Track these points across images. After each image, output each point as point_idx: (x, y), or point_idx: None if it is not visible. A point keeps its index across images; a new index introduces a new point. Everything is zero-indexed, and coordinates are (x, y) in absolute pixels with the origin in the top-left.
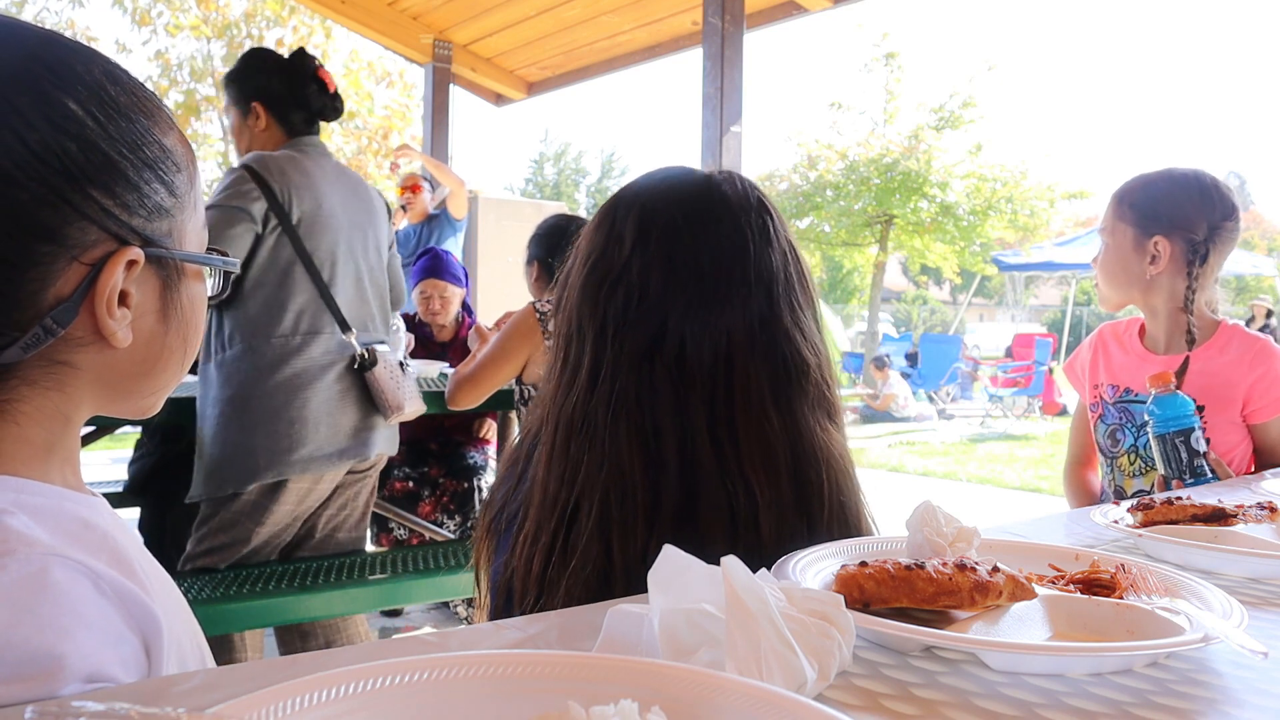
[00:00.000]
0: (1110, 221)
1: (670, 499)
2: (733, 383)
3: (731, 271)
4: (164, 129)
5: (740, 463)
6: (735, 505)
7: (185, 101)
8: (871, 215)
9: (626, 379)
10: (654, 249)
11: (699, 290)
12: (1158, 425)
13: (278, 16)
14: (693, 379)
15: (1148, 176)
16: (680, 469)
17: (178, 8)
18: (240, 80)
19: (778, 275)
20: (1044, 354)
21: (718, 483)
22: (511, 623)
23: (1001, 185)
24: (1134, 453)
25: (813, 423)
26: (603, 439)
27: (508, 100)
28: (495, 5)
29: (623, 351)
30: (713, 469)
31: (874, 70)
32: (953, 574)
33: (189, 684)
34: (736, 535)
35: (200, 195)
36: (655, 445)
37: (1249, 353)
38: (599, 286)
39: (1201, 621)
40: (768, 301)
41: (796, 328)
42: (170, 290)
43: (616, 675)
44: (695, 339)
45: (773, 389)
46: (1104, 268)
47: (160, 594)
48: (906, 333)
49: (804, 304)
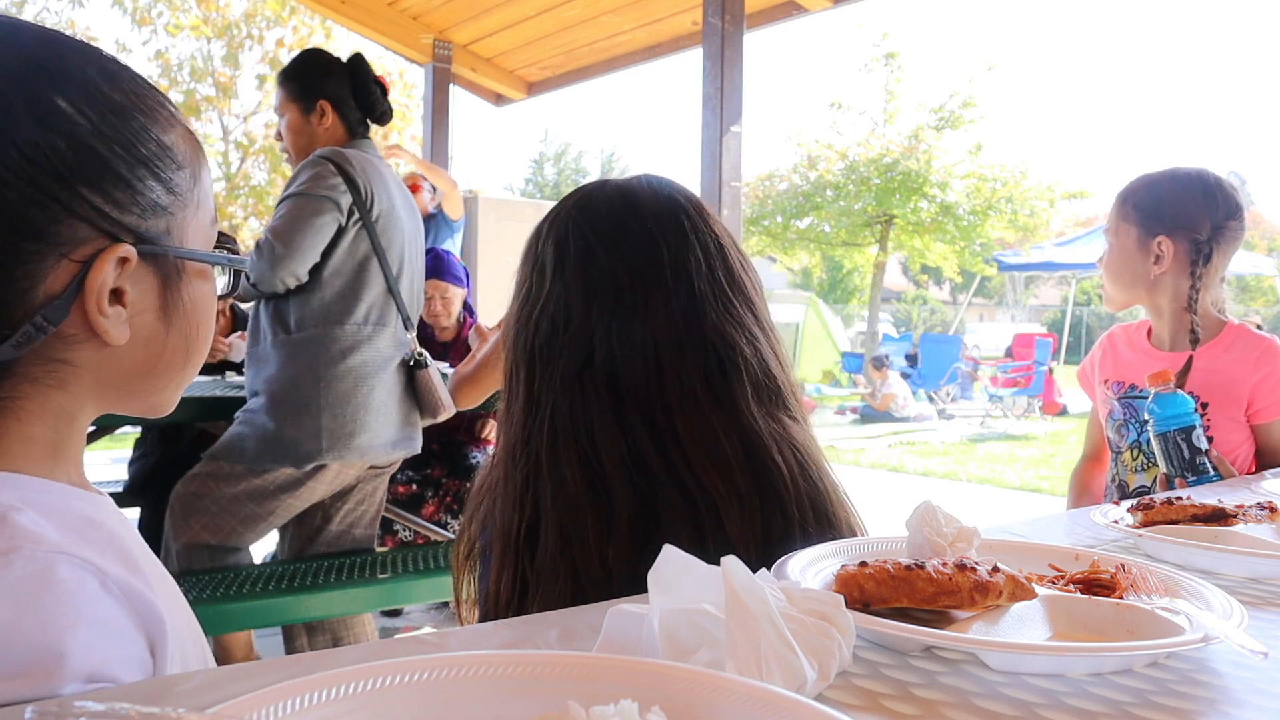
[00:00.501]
0: (1114, 221)
1: (623, 514)
2: (665, 387)
3: (648, 278)
4: (164, 127)
5: (690, 465)
6: (695, 507)
7: (185, 101)
8: (871, 215)
9: (560, 402)
10: (570, 272)
11: (619, 303)
12: (1158, 424)
13: (278, 16)
14: (626, 392)
15: (1152, 176)
16: (628, 483)
17: (178, 8)
18: (304, 79)
19: (698, 271)
20: (1044, 354)
21: (673, 489)
22: (511, 622)
23: (1001, 185)
24: (1136, 448)
25: (758, 412)
26: (548, 465)
27: (508, 100)
28: (495, 5)
29: (554, 377)
30: (665, 477)
31: (874, 70)
32: (953, 574)
33: (189, 684)
34: (703, 537)
35: (208, 193)
36: (597, 464)
37: (1254, 352)
38: (528, 319)
39: (1201, 621)
40: (690, 299)
41: (727, 320)
42: (170, 288)
43: (616, 675)
44: (624, 352)
45: (708, 386)
46: (1109, 267)
47: (164, 593)
48: (906, 333)
49: (734, 296)
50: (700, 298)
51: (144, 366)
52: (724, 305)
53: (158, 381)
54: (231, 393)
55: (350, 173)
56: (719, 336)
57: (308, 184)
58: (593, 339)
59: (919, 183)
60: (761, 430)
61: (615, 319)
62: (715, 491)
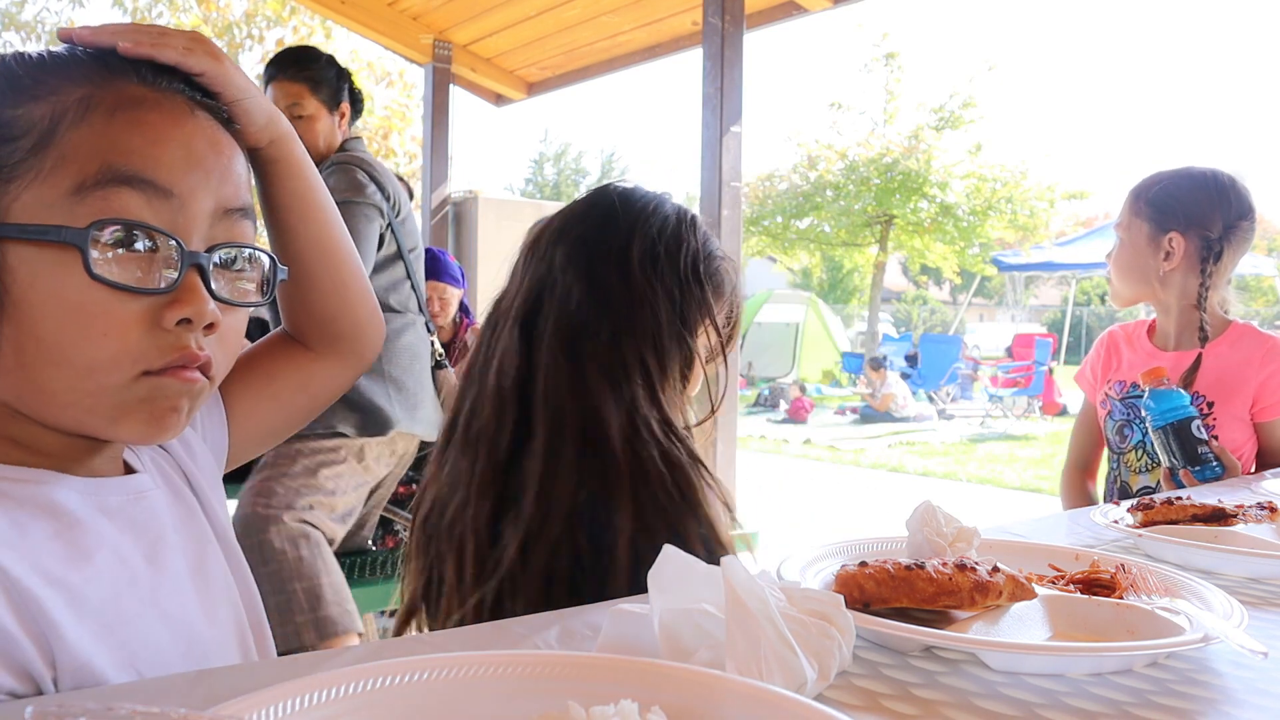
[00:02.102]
0: (1126, 217)
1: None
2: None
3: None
4: (9, 103)
5: (534, 396)
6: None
7: None
8: (871, 215)
9: (513, 352)
10: (578, 271)
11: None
12: (1155, 419)
13: (278, 16)
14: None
15: (1165, 173)
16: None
17: (178, 8)
18: (332, 79)
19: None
20: (1044, 354)
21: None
22: (512, 623)
23: (1001, 185)
24: (1141, 449)
25: (591, 381)
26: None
27: (508, 100)
28: (495, 5)
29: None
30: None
31: (874, 70)
32: (953, 574)
33: (189, 684)
34: (550, 486)
35: (88, 157)
36: (527, 408)
37: (1260, 350)
38: (530, 298)
39: (1201, 621)
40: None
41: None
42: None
43: (616, 675)
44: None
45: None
46: (1118, 263)
47: (100, 590)
48: (906, 333)
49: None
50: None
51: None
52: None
53: (16, 385)
54: None
55: (378, 177)
56: (652, 316)
57: (350, 192)
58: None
59: (919, 183)
60: (583, 397)
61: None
62: (540, 429)
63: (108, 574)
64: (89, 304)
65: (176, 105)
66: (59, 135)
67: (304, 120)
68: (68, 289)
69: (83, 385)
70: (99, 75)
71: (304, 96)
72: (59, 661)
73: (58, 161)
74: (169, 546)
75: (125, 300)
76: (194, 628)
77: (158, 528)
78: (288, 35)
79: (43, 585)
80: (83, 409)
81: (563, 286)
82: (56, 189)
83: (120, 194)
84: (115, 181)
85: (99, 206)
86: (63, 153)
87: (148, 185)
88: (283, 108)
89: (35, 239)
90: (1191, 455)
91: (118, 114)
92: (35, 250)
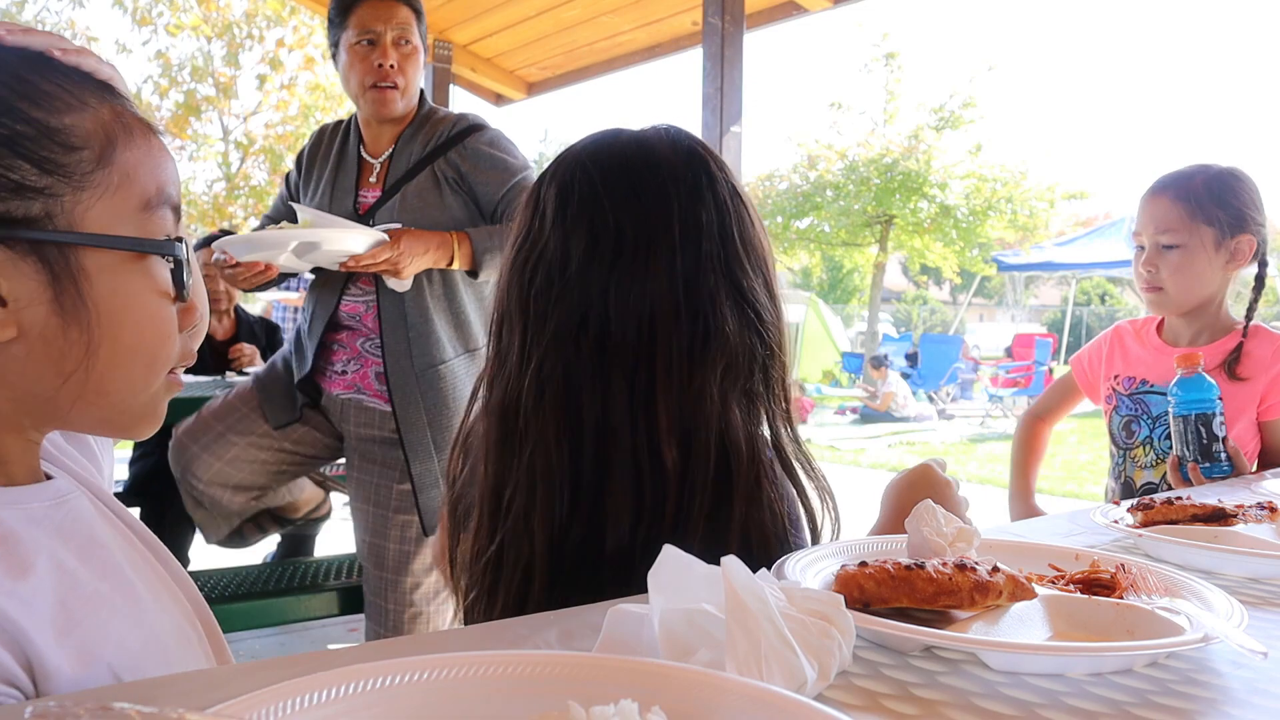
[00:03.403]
0: (1183, 224)
1: (588, 481)
2: (655, 353)
3: (654, 234)
4: (54, 109)
5: (653, 436)
6: (642, 482)
7: (185, 101)
8: (871, 215)
9: (553, 361)
10: (572, 219)
11: (620, 259)
12: (1179, 406)
13: (278, 16)
14: (615, 354)
15: (1205, 174)
16: (596, 448)
17: (178, 8)
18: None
19: (708, 232)
20: (1044, 354)
21: (629, 458)
22: (512, 622)
23: (1001, 185)
24: (1148, 444)
25: (716, 399)
26: (533, 425)
27: (508, 100)
28: (495, 5)
29: (547, 332)
30: (627, 444)
31: (874, 70)
32: (953, 574)
33: (189, 684)
34: (641, 514)
35: (139, 176)
36: (577, 427)
37: (1270, 348)
38: (524, 266)
39: (1201, 621)
40: (695, 262)
41: (725, 288)
42: (63, 278)
43: (616, 675)
44: (620, 311)
45: (689, 356)
46: (1182, 274)
47: (86, 595)
48: (906, 333)
49: (743, 262)
50: (704, 260)
51: (53, 368)
52: (732, 274)
53: (77, 387)
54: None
55: None
56: (712, 306)
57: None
58: (590, 293)
59: (919, 183)
60: (708, 415)
61: (614, 275)
62: (671, 469)
63: (49, 581)
64: (158, 312)
65: (157, 129)
66: (118, 153)
67: (410, 53)
68: (144, 298)
69: (141, 385)
70: (103, 91)
71: (411, 26)
72: (34, 673)
73: (123, 179)
74: (100, 545)
75: (171, 309)
76: (147, 617)
77: (85, 529)
78: (288, 35)
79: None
80: (122, 409)
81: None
82: (126, 204)
83: (168, 215)
84: (165, 203)
85: (160, 225)
86: (125, 171)
87: (178, 209)
88: (390, 37)
89: (131, 250)
90: (1205, 450)
91: (150, 139)
92: (118, 259)
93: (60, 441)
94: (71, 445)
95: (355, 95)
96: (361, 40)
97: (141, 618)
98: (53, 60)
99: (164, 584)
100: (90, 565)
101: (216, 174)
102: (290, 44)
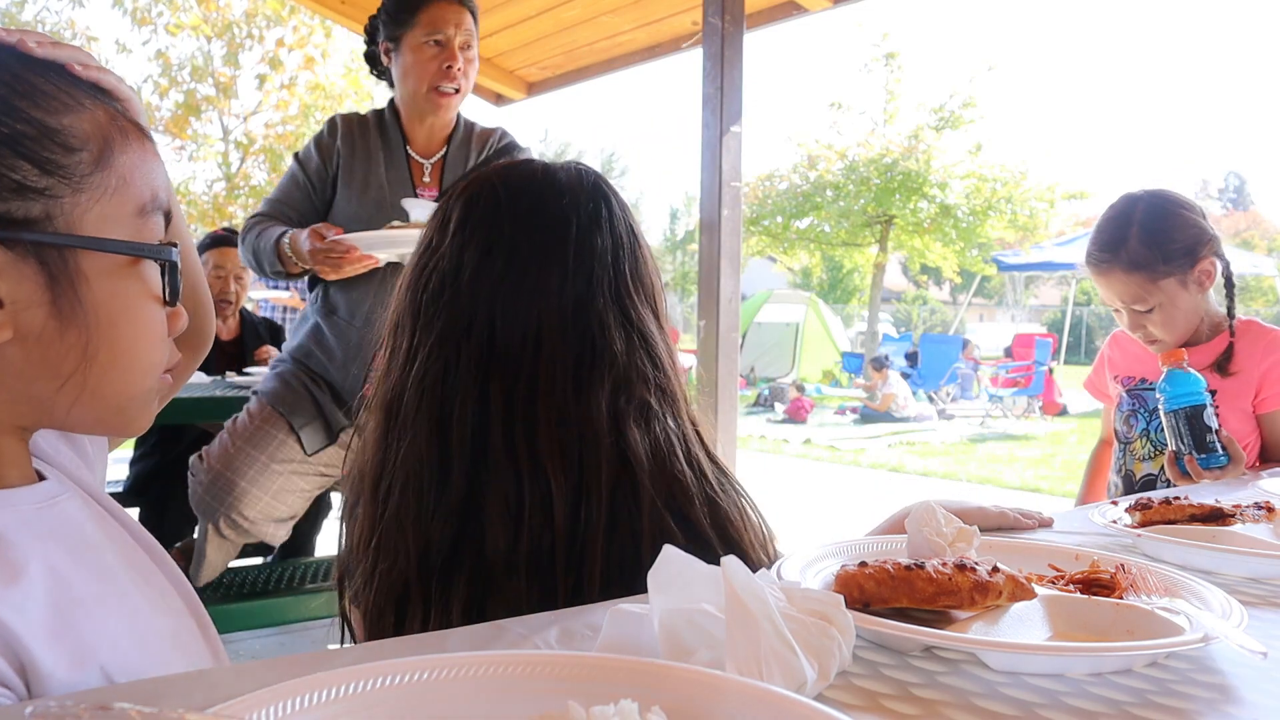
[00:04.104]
0: (1146, 289)
1: (456, 489)
2: (538, 367)
3: (549, 253)
4: (52, 109)
5: (533, 448)
6: (523, 488)
7: (185, 101)
8: (871, 215)
9: (434, 364)
10: (470, 231)
11: (511, 271)
12: (1168, 401)
13: (278, 16)
14: (497, 364)
15: (1136, 225)
16: (469, 457)
17: (178, 8)
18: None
19: (601, 259)
20: (1044, 354)
21: (506, 465)
22: (511, 622)
23: (1001, 185)
24: (1146, 437)
25: (607, 414)
26: (410, 424)
27: (508, 100)
28: (495, 5)
29: (433, 335)
30: (501, 451)
31: (874, 70)
32: (952, 574)
33: (189, 684)
34: (521, 525)
35: (135, 180)
36: (447, 432)
37: (1262, 341)
38: (420, 272)
39: (1201, 621)
40: (586, 284)
41: (614, 313)
42: (60, 281)
43: (616, 675)
44: (506, 322)
45: (575, 374)
46: (1169, 325)
47: (78, 599)
48: (906, 333)
49: (632, 293)
50: (595, 284)
51: (50, 370)
52: (621, 300)
53: (74, 390)
54: (232, 393)
55: None
56: (600, 327)
57: None
58: (477, 304)
59: (919, 183)
60: (599, 432)
61: (504, 287)
62: (553, 480)
63: (41, 585)
64: (151, 316)
65: (148, 133)
66: (115, 156)
67: (471, 59)
68: (139, 302)
69: (137, 387)
70: (92, 93)
71: (474, 34)
72: (28, 677)
73: (120, 183)
74: (93, 546)
75: (162, 313)
76: (141, 617)
77: (76, 531)
78: (288, 35)
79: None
80: (117, 409)
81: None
82: (123, 208)
83: (160, 220)
84: (158, 209)
85: (154, 230)
86: (122, 175)
87: (169, 215)
88: (459, 40)
89: (131, 254)
90: (1200, 442)
91: (144, 143)
92: (115, 263)
93: (52, 438)
94: (63, 443)
95: (412, 93)
96: (430, 40)
97: (135, 619)
98: (48, 63)
99: (158, 584)
100: (83, 567)
101: (216, 174)
102: (290, 44)
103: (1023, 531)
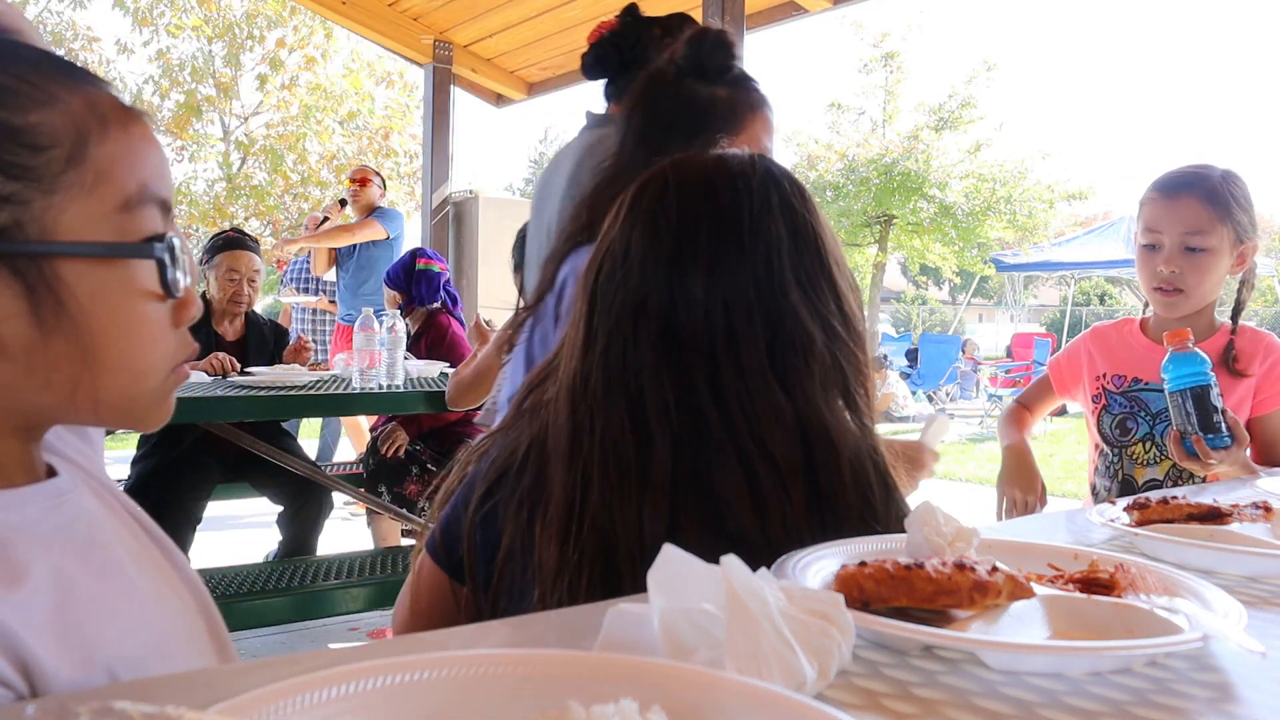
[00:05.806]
0: (1213, 225)
1: (661, 468)
2: (737, 351)
3: (720, 233)
4: (16, 108)
5: (755, 428)
6: (752, 472)
7: (186, 101)
8: (871, 215)
9: (615, 343)
10: (639, 214)
11: (680, 252)
12: (1174, 381)
13: (278, 16)
14: (685, 344)
15: (1221, 176)
16: (670, 437)
17: (179, 8)
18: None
19: (778, 244)
20: (1043, 354)
21: (729, 449)
22: (511, 622)
23: (1001, 185)
24: (1149, 440)
25: (821, 403)
26: (601, 405)
27: (508, 101)
28: (496, 6)
29: (609, 316)
30: (722, 434)
31: (873, 71)
32: (952, 574)
33: (189, 683)
34: (762, 503)
35: (117, 174)
36: (641, 410)
37: (1259, 344)
38: (595, 258)
39: (1200, 620)
40: (767, 270)
41: (804, 302)
42: (39, 289)
43: (616, 675)
44: (684, 303)
45: (771, 362)
46: (1204, 274)
47: (81, 598)
48: (906, 333)
49: (816, 279)
50: (779, 271)
51: (38, 381)
52: (804, 287)
53: (71, 398)
54: (232, 392)
55: None
56: (792, 315)
57: None
58: (646, 282)
59: (918, 183)
60: (823, 422)
61: (675, 266)
62: (780, 458)
63: (45, 587)
64: (147, 314)
65: (139, 116)
66: (90, 149)
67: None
68: (130, 302)
69: (137, 389)
70: (73, 78)
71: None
72: (32, 679)
73: (98, 178)
74: (101, 544)
75: (161, 308)
76: (149, 615)
77: (85, 528)
78: (288, 35)
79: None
80: (123, 410)
81: None
82: (103, 206)
83: (152, 211)
84: (149, 200)
85: (143, 224)
86: (100, 169)
87: (165, 203)
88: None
89: (107, 256)
90: (1206, 422)
91: (129, 129)
92: (95, 266)
93: (60, 429)
94: (70, 433)
95: None
96: None
97: (144, 616)
98: (17, 49)
99: (168, 580)
100: (90, 566)
101: (217, 174)
102: (291, 44)
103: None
